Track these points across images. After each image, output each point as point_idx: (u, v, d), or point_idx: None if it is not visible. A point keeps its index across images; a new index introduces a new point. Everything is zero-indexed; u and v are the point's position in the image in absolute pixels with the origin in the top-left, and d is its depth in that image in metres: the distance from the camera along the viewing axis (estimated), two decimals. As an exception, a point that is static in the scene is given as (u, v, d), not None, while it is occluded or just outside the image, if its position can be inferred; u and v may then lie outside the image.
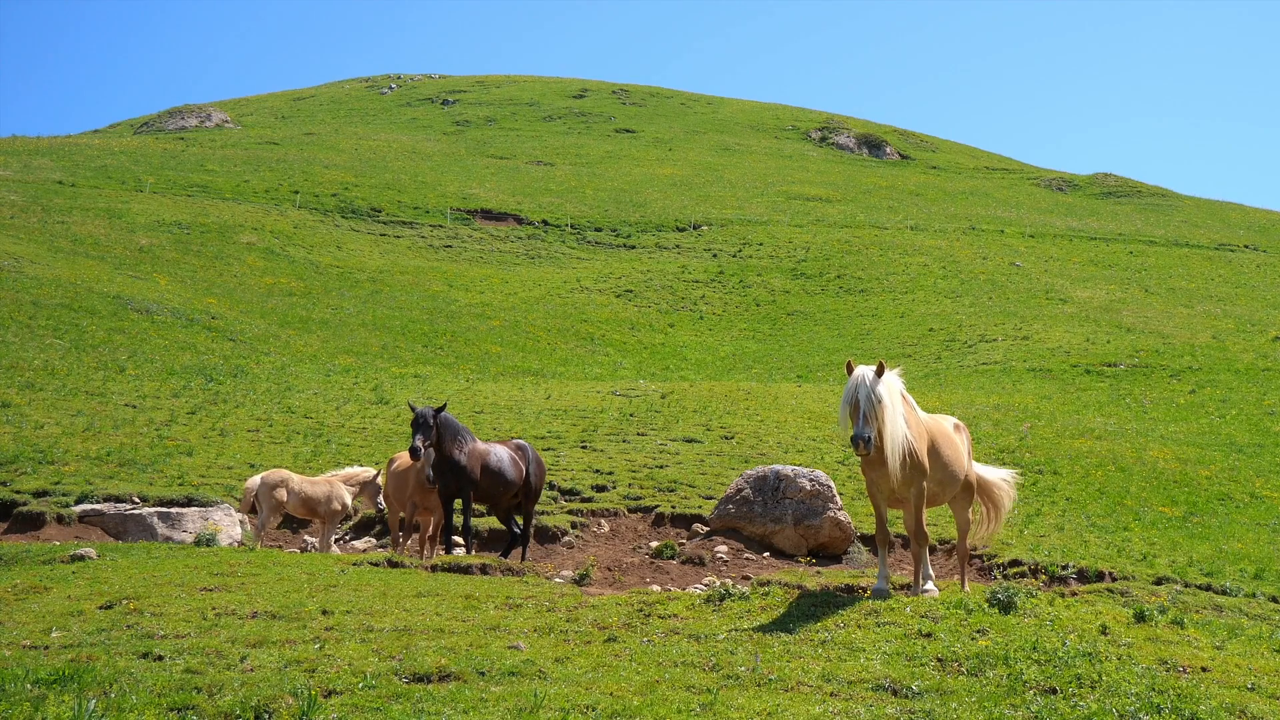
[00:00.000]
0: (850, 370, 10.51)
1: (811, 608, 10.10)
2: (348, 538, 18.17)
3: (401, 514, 15.49)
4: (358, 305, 45.53)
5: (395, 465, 15.49)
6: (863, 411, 10.10)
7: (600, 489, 20.06)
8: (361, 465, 19.04)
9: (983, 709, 7.49)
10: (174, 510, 17.02)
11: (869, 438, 10.03)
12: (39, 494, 17.33)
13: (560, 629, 9.45)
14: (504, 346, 43.09)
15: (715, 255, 64.58)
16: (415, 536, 16.56)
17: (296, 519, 17.73)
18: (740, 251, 65.27)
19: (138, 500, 17.44)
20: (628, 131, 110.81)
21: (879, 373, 10.34)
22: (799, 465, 19.95)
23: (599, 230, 69.25)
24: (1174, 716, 7.52)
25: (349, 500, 16.33)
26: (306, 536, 17.64)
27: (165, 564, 12.53)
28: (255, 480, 15.96)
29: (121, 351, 30.06)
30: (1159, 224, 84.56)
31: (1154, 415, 31.61)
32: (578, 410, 27.97)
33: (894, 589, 11.11)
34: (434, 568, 13.27)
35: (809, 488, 17.84)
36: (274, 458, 20.59)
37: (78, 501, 17.12)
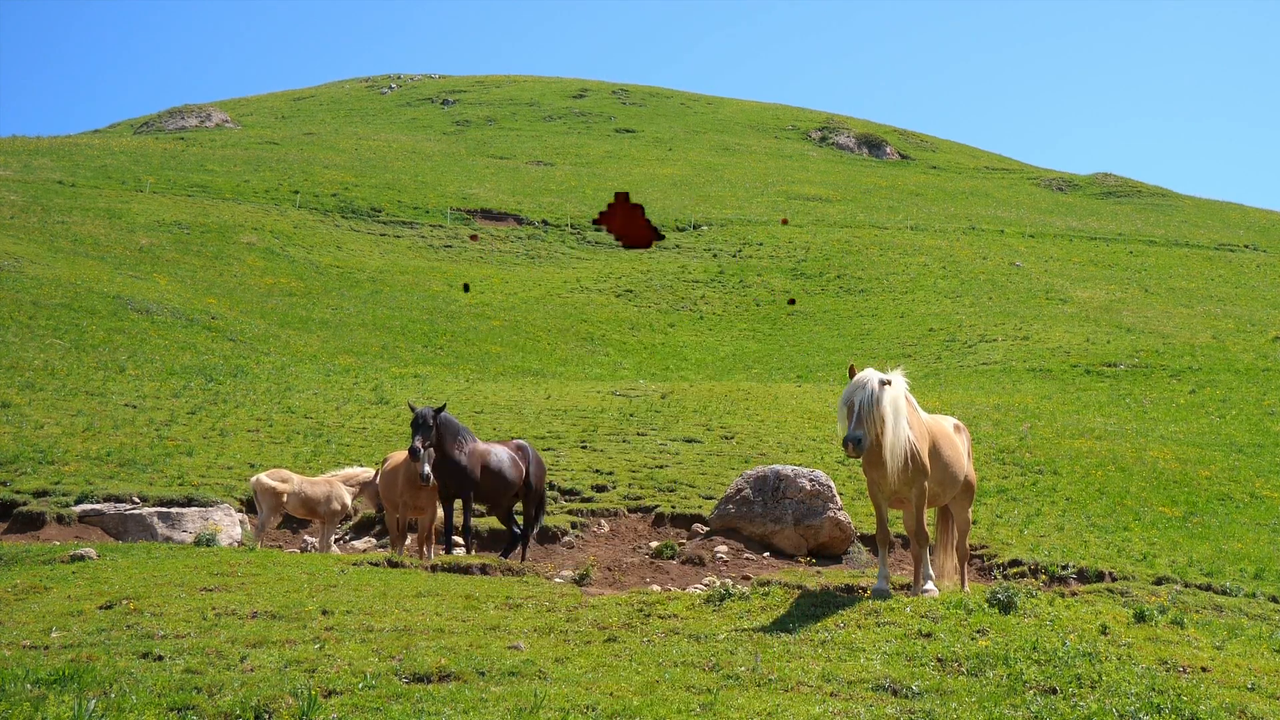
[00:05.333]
0: (852, 374, 10.50)
1: (811, 608, 10.09)
2: (348, 538, 18.16)
3: (396, 514, 15.48)
4: (358, 305, 45.53)
5: (387, 464, 15.49)
6: (858, 414, 10.11)
7: (600, 489, 20.05)
8: (361, 465, 19.03)
9: (983, 709, 7.49)
10: (174, 510, 17.01)
11: (860, 439, 10.03)
12: (39, 494, 17.32)
13: (560, 629, 9.44)
14: (504, 346, 43.09)
15: (715, 255, 64.58)
16: (414, 536, 16.56)
17: (296, 519, 17.73)
18: (740, 251, 65.26)
19: (138, 500, 17.44)
20: (628, 131, 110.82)
21: (882, 382, 10.30)
22: (799, 465, 19.93)
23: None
24: (1174, 716, 7.52)
25: (349, 500, 16.32)
26: (306, 536, 17.64)
27: (165, 564, 12.53)
28: (260, 478, 15.97)
29: (121, 351, 30.06)
30: (1159, 224, 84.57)
31: (1154, 415, 31.61)
32: (578, 410, 27.97)
33: (894, 589, 11.11)
34: (434, 568, 13.27)
35: (809, 488, 17.83)
36: (274, 458, 20.58)
37: (78, 501, 17.11)
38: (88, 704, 6.81)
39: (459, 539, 15.35)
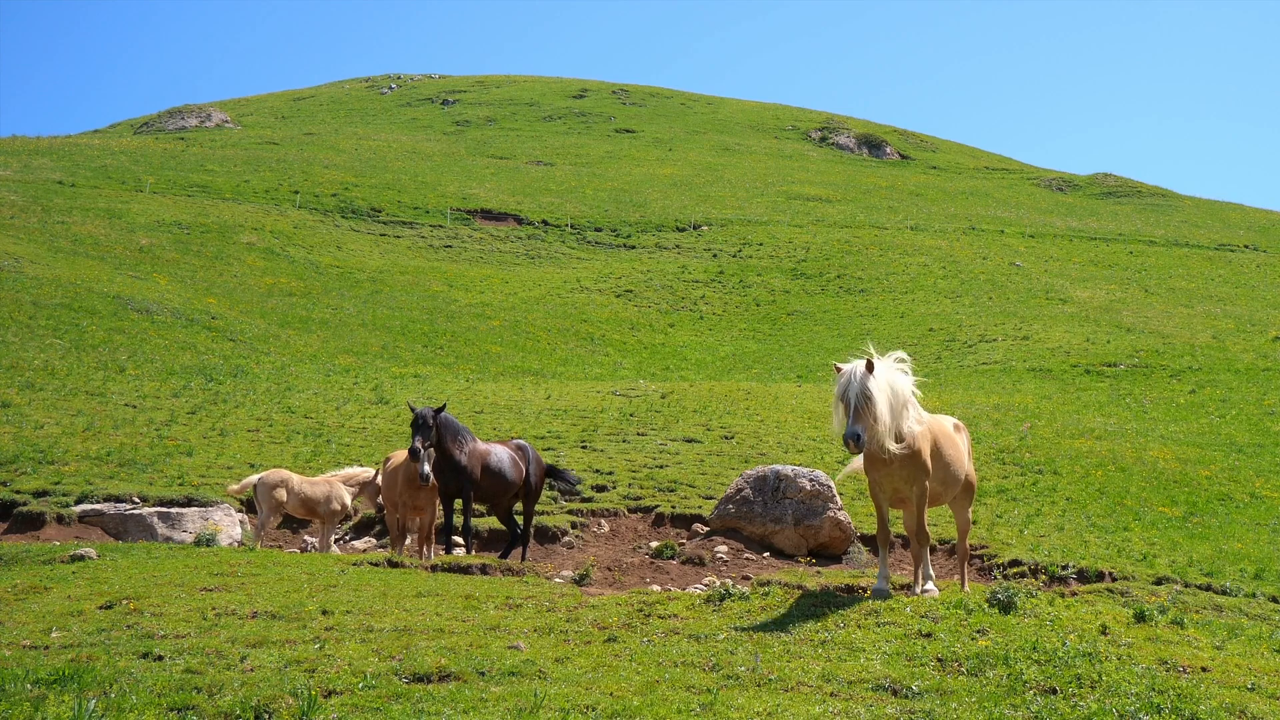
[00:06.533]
0: (838, 369, 10.45)
1: (811, 608, 10.09)
2: (348, 538, 18.16)
3: (396, 514, 15.49)
4: (358, 305, 45.53)
5: (388, 464, 15.50)
6: (854, 408, 10.02)
7: (600, 489, 20.06)
8: (361, 465, 19.03)
9: (983, 709, 7.49)
10: (174, 510, 17.01)
11: (859, 434, 9.98)
12: (39, 494, 17.33)
13: (560, 629, 9.44)
14: (504, 346, 43.09)
15: (715, 255, 64.57)
16: (414, 536, 16.56)
17: (296, 519, 17.73)
18: (740, 251, 65.26)
19: (138, 500, 17.44)
20: (628, 131, 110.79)
21: (869, 368, 10.24)
22: (799, 465, 19.93)
23: (599, 230, 69.24)
24: (1174, 716, 7.52)
25: (349, 500, 16.32)
26: (306, 536, 17.64)
27: (165, 564, 12.53)
28: (254, 477, 15.96)
29: (121, 351, 30.06)
30: (1159, 224, 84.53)
31: (1154, 415, 31.61)
32: (578, 410, 27.96)
33: (894, 589, 11.11)
34: (434, 568, 13.27)
35: (809, 488, 17.83)
36: (274, 458, 20.59)
37: (78, 501, 17.12)
38: (88, 704, 6.80)
39: (459, 539, 15.35)
